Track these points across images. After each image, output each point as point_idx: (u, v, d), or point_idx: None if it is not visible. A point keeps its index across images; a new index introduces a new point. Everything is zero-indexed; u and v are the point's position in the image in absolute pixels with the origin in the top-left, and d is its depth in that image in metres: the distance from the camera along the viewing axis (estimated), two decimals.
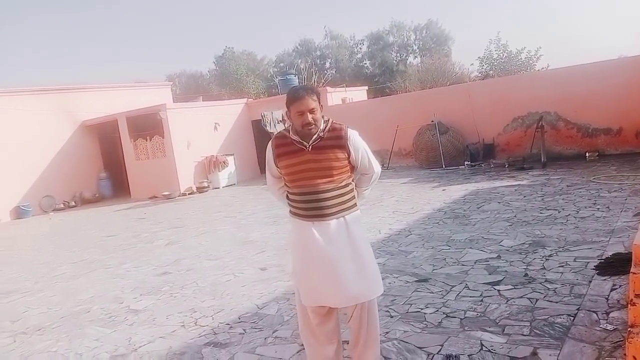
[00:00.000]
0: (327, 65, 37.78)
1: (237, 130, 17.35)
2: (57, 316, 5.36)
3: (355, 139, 2.86)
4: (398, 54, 36.84)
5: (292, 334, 3.96)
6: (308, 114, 2.74)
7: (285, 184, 2.97)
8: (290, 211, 2.98)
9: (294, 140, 2.82)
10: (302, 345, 3.51)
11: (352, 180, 2.94)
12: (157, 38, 67.53)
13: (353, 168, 2.93)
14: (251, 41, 69.34)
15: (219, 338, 4.13)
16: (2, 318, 5.56)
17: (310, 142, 2.79)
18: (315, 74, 27.90)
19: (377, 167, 3.01)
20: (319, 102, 2.81)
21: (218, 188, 15.42)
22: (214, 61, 39.87)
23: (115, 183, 17.36)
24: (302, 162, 2.79)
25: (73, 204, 16.29)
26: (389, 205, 8.83)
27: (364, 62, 37.34)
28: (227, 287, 5.48)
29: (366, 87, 22.20)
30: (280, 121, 15.47)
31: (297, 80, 20.34)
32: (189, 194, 14.91)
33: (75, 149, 16.81)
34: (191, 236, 8.67)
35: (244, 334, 4.15)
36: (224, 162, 15.68)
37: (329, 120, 2.88)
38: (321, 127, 2.81)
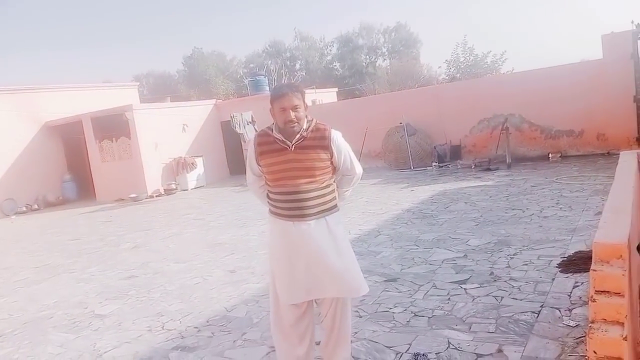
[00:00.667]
0: (297, 66, 37.77)
1: (206, 131, 17.17)
2: (19, 322, 5.20)
3: (339, 140, 2.87)
4: (367, 56, 37.09)
5: (261, 336, 3.94)
6: (291, 111, 2.73)
7: (266, 182, 2.96)
8: (269, 210, 2.96)
9: (277, 138, 2.80)
10: (272, 347, 3.49)
11: (334, 181, 2.95)
12: (124, 38, 66.29)
13: (335, 169, 2.93)
14: (220, 41, 68.81)
15: (186, 342, 4.07)
16: None
17: (294, 141, 2.77)
18: (286, 75, 27.88)
19: (358, 168, 3.03)
20: (303, 101, 2.80)
21: (186, 190, 15.22)
22: (183, 62, 39.43)
23: (80, 185, 16.94)
24: (285, 162, 2.78)
25: (36, 207, 15.79)
26: (359, 206, 8.87)
27: (334, 64, 37.46)
28: (195, 290, 5.41)
29: (336, 89, 22.29)
30: (250, 122, 15.36)
31: (267, 82, 20.26)
32: (156, 196, 14.67)
33: (38, 151, 16.32)
34: (158, 239, 8.53)
35: (212, 337, 4.10)
36: (192, 163, 15.49)
37: (312, 120, 2.87)
38: (305, 127, 2.80)
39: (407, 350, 3.38)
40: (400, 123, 13.31)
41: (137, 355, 3.97)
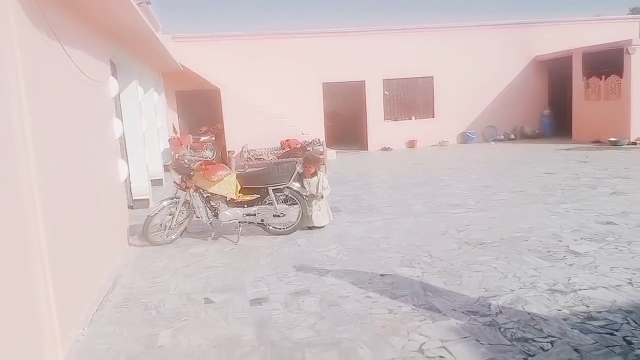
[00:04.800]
0: None
1: None
2: (497, 237, 5.70)
3: None
4: None
5: None
6: None
7: None
8: None
9: None
10: None
11: None
12: None
13: None
14: None
15: None
16: (450, 226, 6.31)
17: None
18: None
19: None
20: None
21: None
22: None
23: (557, 122, 16.79)
24: None
25: (512, 136, 16.77)
26: None
27: None
28: None
29: None
30: None
31: None
32: None
33: (523, 84, 17.00)
34: None
35: None
36: None
37: None
38: None
39: None
40: None
41: (616, 304, 3.73)
